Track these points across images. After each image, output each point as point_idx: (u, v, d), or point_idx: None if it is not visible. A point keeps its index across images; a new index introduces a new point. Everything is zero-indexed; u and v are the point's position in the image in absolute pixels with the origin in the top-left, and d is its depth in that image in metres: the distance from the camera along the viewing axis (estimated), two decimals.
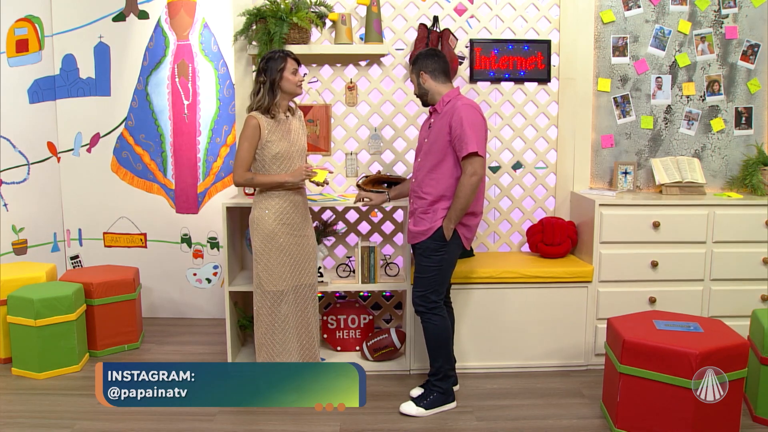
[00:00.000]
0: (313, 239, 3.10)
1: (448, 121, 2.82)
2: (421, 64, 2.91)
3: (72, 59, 4.16)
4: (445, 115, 2.85)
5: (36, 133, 4.11)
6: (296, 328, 3.04)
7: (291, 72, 2.90)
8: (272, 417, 2.88)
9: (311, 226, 3.11)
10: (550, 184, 3.79)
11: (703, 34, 3.70)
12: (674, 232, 3.36)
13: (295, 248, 3.00)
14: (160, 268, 4.28)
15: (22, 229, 4.07)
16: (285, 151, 2.93)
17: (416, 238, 2.93)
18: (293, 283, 3.01)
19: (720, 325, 2.77)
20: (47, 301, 3.28)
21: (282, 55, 2.89)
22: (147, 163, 4.22)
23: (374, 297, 3.86)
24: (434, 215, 2.87)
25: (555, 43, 3.67)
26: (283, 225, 2.96)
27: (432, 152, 2.88)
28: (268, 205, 2.95)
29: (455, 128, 2.79)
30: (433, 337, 2.93)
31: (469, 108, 2.83)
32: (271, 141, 2.90)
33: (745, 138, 3.78)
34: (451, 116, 2.81)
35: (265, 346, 3.01)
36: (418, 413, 2.92)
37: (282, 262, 2.96)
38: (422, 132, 3.03)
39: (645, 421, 2.62)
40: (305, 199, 3.08)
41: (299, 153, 3.00)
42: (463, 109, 2.81)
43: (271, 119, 2.91)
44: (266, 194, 2.96)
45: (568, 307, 3.39)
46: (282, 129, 2.94)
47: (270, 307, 2.98)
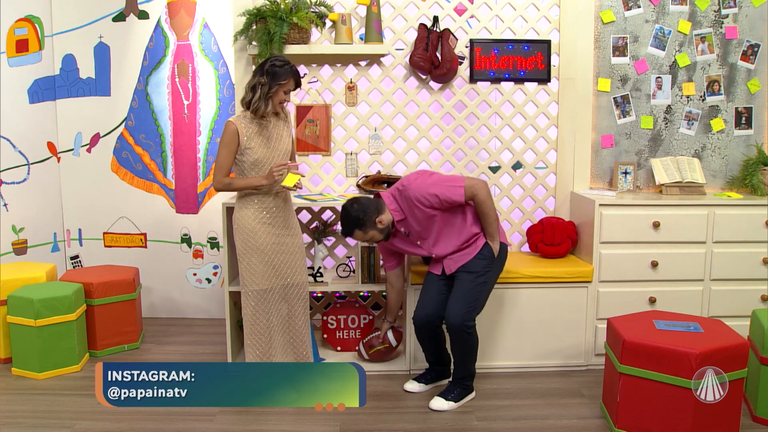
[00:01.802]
0: (298, 238, 3.07)
1: (421, 211, 2.91)
2: (367, 223, 2.90)
3: (72, 59, 4.16)
4: (410, 214, 2.95)
5: (36, 133, 4.11)
6: (283, 327, 3.04)
7: (285, 91, 2.87)
8: (272, 417, 2.88)
9: (296, 225, 3.08)
10: (550, 184, 3.79)
11: (703, 34, 3.70)
12: (674, 232, 3.36)
13: (277, 247, 2.98)
14: (160, 268, 4.28)
15: (22, 229, 4.07)
16: (264, 158, 2.90)
17: (460, 262, 2.99)
18: (279, 283, 3.00)
19: (720, 325, 2.77)
20: (47, 301, 3.28)
21: (290, 72, 2.84)
22: (147, 163, 4.22)
23: (374, 297, 3.86)
24: (474, 247, 2.99)
25: (555, 43, 3.67)
26: (264, 225, 2.95)
27: (442, 233, 2.97)
28: (248, 206, 2.95)
29: (429, 203, 2.89)
30: (474, 349, 3.00)
31: (411, 183, 2.93)
32: (251, 148, 2.89)
33: (745, 138, 3.78)
34: (415, 206, 2.91)
35: (251, 346, 3.01)
36: (450, 407, 2.97)
37: (263, 261, 2.96)
38: (404, 245, 3.08)
39: (645, 421, 2.62)
40: (288, 199, 3.04)
41: (281, 157, 2.96)
42: (410, 190, 2.91)
43: (253, 124, 2.90)
44: (246, 195, 2.96)
45: (568, 307, 3.39)
46: (263, 135, 2.92)
47: (254, 306, 2.98)
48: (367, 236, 2.94)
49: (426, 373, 3.20)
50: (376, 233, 2.94)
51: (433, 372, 3.19)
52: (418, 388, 3.14)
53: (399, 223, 2.98)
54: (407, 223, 2.99)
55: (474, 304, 2.95)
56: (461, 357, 3.01)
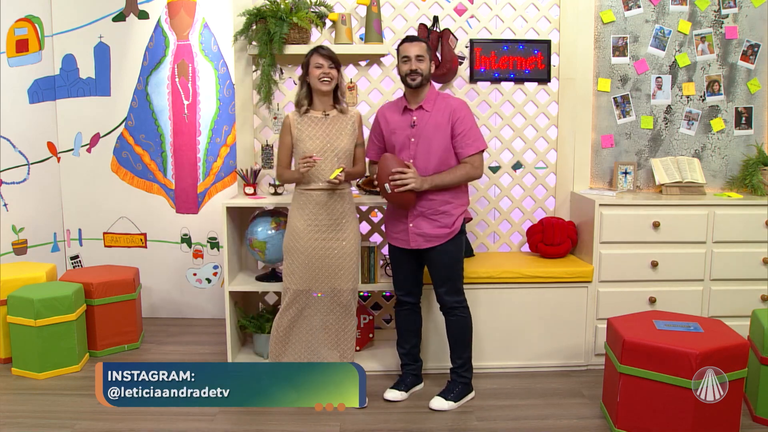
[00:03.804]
0: (349, 244, 2.98)
1: (447, 119, 2.85)
2: (432, 52, 2.90)
3: (72, 59, 4.16)
4: (439, 113, 2.87)
5: (36, 133, 4.11)
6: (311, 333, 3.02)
7: (314, 65, 2.86)
8: (272, 417, 2.88)
9: (350, 231, 2.99)
10: (550, 184, 3.79)
11: (703, 34, 3.70)
12: (674, 232, 3.36)
13: (321, 252, 2.94)
14: (160, 268, 4.28)
15: (22, 229, 4.07)
16: (314, 152, 2.88)
17: (432, 241, 2.92)
18: (320, 287, 2.97)
19: (720, 325, 2.77)
20: (47, 301, 3.28)
21: (312, 51, 2.89)
22: (147, 163, 4.22)
23: (374, 297, 3.86)
24: (448, 217, 2.90)
25: (555, 43, 3.67)
26: (309, 227, 2.93)
27: (432, 152, 2.87)
28: (296, 206, 2.98)
29: (459, 126, 2.85)
30: (468, 330, 3.03)
31: (466, 105, 2.91)
32: (300, 140, 2.91)
33: (745, 138, 3.78)
34: (450, 113, 2.85)
35: (270, 340, 3.06)
36: (450, 407, 2.97)
37: (302, 263, 2.95)
38: (401, 130, 2.92)
39: (645, 421, 2.62)
40: (339, 201, 2.95)
41: (335, 154, 2.91)
42: (463, 106, 2.89)
43: (307, 119, 2.91)
44: (297, 192, 2.98)
45: (568, 307, 3.39)
46: (318, 130, 2.91)
47: (285, 304, 3.00)
48: (426, 54, 2.85)
49: (403, 378, 3.15)
50: (428, 64, 2.86)
51: (408, 377, 3.15)
52: (399, 396, 3.06)
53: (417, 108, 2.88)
54: (422, 120, 2.89)
55: (456, 282, 2.99)
56: (458, 339, 3.02)
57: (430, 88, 2.93)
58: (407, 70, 2.85)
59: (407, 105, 2.92)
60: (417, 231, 2.92)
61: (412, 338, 3.14)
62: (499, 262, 3.49)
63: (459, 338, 3.04)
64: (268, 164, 3.67)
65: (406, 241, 2.96)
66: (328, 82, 2.86)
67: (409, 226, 2.93)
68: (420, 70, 2.84)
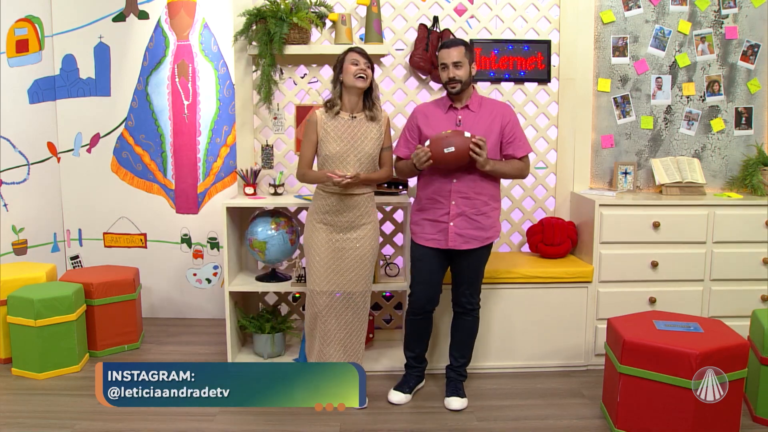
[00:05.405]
0: (367, 244, 2.95)
1: (497, 122, 2.88)
2: (473, 53, 2.88)
3: (72, 59, 4.16)
4: (488, 115, 2.89)
5: (36, 133, 4.11)
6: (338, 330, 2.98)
7: (351, 62, 2.83)
8: (272, 417, 2.88)
9: (368, 232, 2.95)
10: (550, 185, 3.79)
11: (703, 34, 3.71)
12: (674, 232, 3.36)
13: (336, 253, 2.93)
14: (160, 268, 4.28)
15: (22, 230, 4.07)
16: (338, 154, 2.86)
17: (470, 243, 2.91)
18: (338, 288, 2.94)
19: (720, 326, 2.77)
20: (47, 301, 3.28)
21: (348, 50, 2.87)
22: (147, 164, 4.22)
23: (374, 297, 3.85)
24: (486, 219, 2.92)
25: (555, 43, 3.67)
26: (323, 226, 2.93)
27: None
28: (314, 203, 2.98)
29: (510, 130, 2.91)
30: (476, 332, 3.10)
31: (513, 109, 2.99)
32: (325, 140, 2.88)
33: (745, 138, 3.78)
34: (501, 117, 2.89)
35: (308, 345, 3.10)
36: (465, 403, 3.02)
37: (317, 262, 2.94)
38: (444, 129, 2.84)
39: (645, 421, 2.62)
40: (358, 203, 2.91)
41: (357, 158, 2.87)
42: (511, 110, 2.99)
43: (335, 119, 2.88)
44: (317, 192, 2.97)
45: (568, 307, 3.39)
46: (345, 132, 2.88)
47: (308, 304, 3.01)
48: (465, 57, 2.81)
49: (407, 380, 3.13)
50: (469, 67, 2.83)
51: (412, 378, 3.14)
52: (404, 399, 3.05)
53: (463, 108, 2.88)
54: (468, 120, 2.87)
55: (478, 287, 3.06)
56: (467, 340, 3.08)
57: (473, 90, 2.95)
58: (446, 78, 2.85)
59: (452, 104, 2.93)
60: (457, 231, 2.90)
61: (423, 343, 3.14)
62: (499, 262, 3.49)
63: (468, 339, 3.08)
64: (268, 164, 3.67)
65: (444, 241, 2.92)
66: (363, 78, 2.82)
67: (450, 225, 2.90)
68: (458, 77, 2.81)
